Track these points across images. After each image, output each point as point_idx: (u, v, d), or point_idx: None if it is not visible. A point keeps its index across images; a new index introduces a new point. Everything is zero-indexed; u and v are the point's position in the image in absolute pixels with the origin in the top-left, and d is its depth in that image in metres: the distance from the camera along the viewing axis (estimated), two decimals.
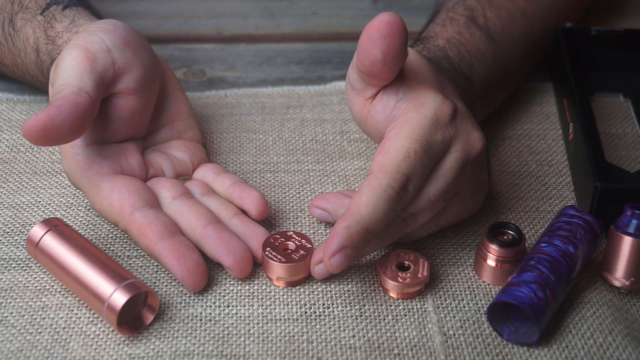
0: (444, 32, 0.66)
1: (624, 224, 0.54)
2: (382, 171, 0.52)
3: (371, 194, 0.51)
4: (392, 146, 0.53)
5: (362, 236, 0.51)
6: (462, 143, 0.55)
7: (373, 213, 0.51)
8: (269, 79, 0.78)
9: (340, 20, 0.86)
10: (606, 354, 0.52)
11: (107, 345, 0.52)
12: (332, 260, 0.51)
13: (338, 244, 0.51)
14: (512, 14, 0.70)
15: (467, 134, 0.55)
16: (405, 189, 0.52)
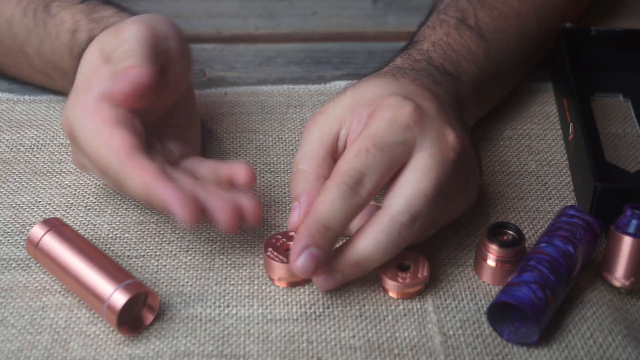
0: (432, 35, 0.67)
1: (624, 224, 0.54)
2: (336, 171, 0.54)
3: (326, 192, 0.53)
4: (347, 149, 0.54)
5: (322, 233, 0.52)
6: (432, 142, 0.55)
7: (329, 209, 0.52)
8: (269, 79, 0.78)
9: (340, 20, 0.86)
10: (606, 354, 0.52)
11: (107, 345, 0.52)
12: (298, 262, 0.52)
13: (300, 244, 0.52)
14: (505, 14, 0.70)
15: (438, 133, 0.55)
16: (360, 184, 0.53)
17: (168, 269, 0.58)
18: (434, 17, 0.70)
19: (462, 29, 0.68)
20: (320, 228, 0.52)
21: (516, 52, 0.71)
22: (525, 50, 0.72)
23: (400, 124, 0.54)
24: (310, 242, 0.52)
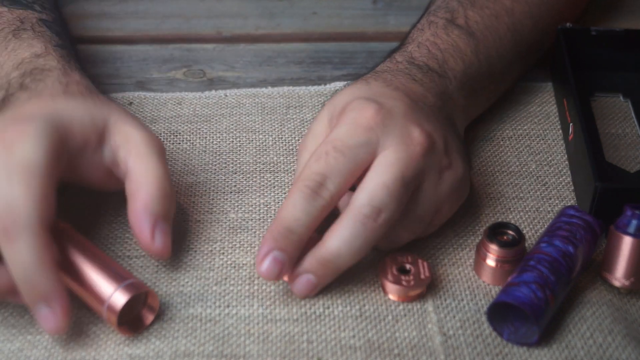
0: (420, 36, 0.68)
1: (624, 224, 0.54)
2: (298, 177, 0.55)
3: (289, 196, 0.54)
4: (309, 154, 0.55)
5: (284, 236, 0.53)
6: (396, 139, 0.55)
7: (292, 211, 0.53)
8: (269, 79, 0.78)
9: (340, 20, 0.86)
10: (606, 354, 0.52)
11: (107, 345, 0.52)
12: (262, 267, 0.53)
13: (264, 249, 0.53)
14: (496, 13, 0.71)
15: (402, 130, 0.55)
16: (322, 186, 0.53)
17: (168, 269, 0.58)
18: (424, 19, 0.70)
19: (451, 28, 0.68)
20: (283, 231, 0.53)
21: (509, 49, 0.71)
22: (519, 48, 0.72)
23: (362, 126, 0.55)
24: (273, 246, 0.53)
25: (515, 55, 0.72)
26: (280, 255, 0.53)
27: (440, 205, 0.57)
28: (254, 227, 0.61)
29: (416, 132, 0.56)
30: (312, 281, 0.54)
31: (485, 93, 0.70)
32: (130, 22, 0.85)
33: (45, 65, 0.61)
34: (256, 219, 0.62)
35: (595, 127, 0.67)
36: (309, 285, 0.55)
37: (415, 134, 0.56)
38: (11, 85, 0.59)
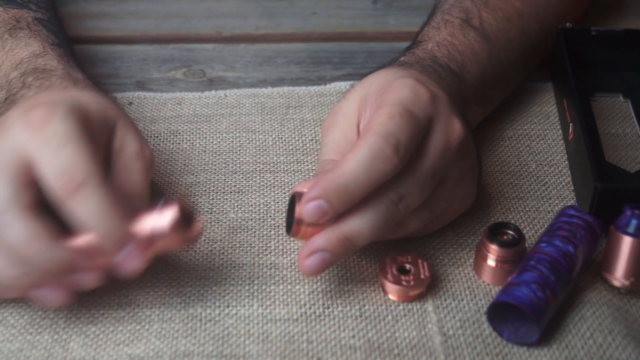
0: (437, 35, 0.67)
1: (624, 224, 0.54)
2: (371, 133, 0.51)
3: (357, 151, 0.51)
4: (376, 115, 0.53)
5: (338, 193, 0.50)
6: (443, 126, 0.55)
7: (355, 170, 0.50)
8: (269, 79, 0.78)
9: (340, 20, 0.86)
10: (606, 354, 0.52)
11: (107, 345, 0.52)
12: (305, 207, 0.51)
13: (313, 193, 0.51)
14: (508, 15, 0.70)
15: (447, 119, 0.55)
16: (395, 149, 0.51)
17: (168, 269, 0.58)
18: (438, 17, 0.69)
19: (467, 29, 0.68)
20: (336, 186, 0.50)
21: (518, 53, 0.71)
22: (526, 52, 0.72)
23: (421, 99, 0.54)
24: (323, 196, 0.50)
25: (523, 59, 0.72)
26: (326, 206, 0.51)
27: (451, 202, 0.57)
28: (254, 227, 0.61)
29: (458, 125, 0.55)
30: (326, 259, 0.52)
31: (494, 98, 0.70)
32: (130, 22, 0.85)
33: (46, 65, 0.61)
34: (256, 219, 0.62)
35: (595, 127, 0.67)
36: (323, 263, 0.52)
37: (456, 125, 0.55)
38: (12, 85, 0.59)
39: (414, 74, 0.58)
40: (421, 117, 0.53)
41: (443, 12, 0.70)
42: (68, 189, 0.49)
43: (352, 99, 0.58)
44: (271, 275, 0.57)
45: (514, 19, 0.71)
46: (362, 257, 0.59)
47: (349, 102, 0.58)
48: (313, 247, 0.52)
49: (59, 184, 0.49)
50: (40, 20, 0.67)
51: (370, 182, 0.51)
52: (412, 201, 0.54)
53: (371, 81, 0.58)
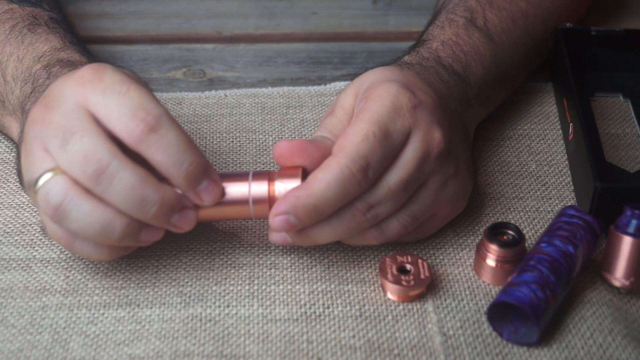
0: (442, 34, 0.67)
1: (624, 224, 0.54)
2: (342, 151, 0.53)
3: (327, 172, 0.52)
4: (352, 130, 0.53)
5: (308, 211, 0.52)
6: (422, 135, 0.55)
7: (325, 191, 0.52)
8: (269, 79, 0.78)
9: (340, 20, 0.86)
10: (606, 354, 0.52)
11: (107, 345, 0.52)
12: (275, 219, 0.52)
13: (283, 209, 0.52)
14: (512, 15, 0.70)
15: (427, 128, 0.55)
16: (364, 173, 0.52)
17: (168, 269, 0.58)
18: (442, 16, 0.69)
19: (471, 29, 0.67)
20: (309, 206, 0.52)
21: (521, 53, 0.71)
22: (530, 53, 0.72)
23: (401, 112, 0.54)
24: (293, 212, 0.52)
25: (526, 60, 0.72)
26: (295, 221, 0.52)
27: (437, 209, 0.57)
28: (254, 227, 0.61)
29: (438, 134, 0.55)
30: (292, 222, 0.53)
31: (497, 99, 0.70)
32: (130, 22, 0.85)
33: (70, 57, 0.61)
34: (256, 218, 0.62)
35: (595, 127, 0.67)
36: (288, 225, 0.53)
37: (436, 135, 0.55)
38: (37, 77, 0.59)
39: (406, 77, 0.58)
40: (396, 135, 0.54)
41: (447, 12, 0.70)
42: (143, 130, 0.50)
43: (349, 93, 0.59)
44: (271, 275, 0.57)
45: (519, 19, 0.70)
46: (362, 257, 0.59)
47: (347, 96, 0.59)
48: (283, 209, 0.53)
49: (132, 126, 0.50)
50: (55, 19, 0.67)
51: (339, 201, 0.53)
52: (382, 210, 0.54)
53: (366, 78, 0.58)
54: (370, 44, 0.83)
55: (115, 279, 0.57)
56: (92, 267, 0.57)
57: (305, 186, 0.52)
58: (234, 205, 0.54)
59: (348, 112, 0.58)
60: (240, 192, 0.54)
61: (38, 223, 0.61)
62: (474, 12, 0.69)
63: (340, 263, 0.58)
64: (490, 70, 0.67)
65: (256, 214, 0.55)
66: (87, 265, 0.58)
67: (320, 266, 0.58)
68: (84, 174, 0.49)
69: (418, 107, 0.55)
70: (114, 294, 0.56)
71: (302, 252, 0.59)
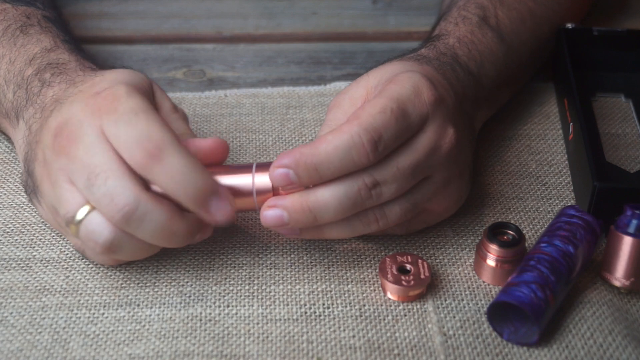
0: (457, 30, 0.66)
1: (624, 224, 0.54)
2: (356, 119, 0.52)
3: (337, 136, 0.52)
4: (370, 102, 0.53)
5: (308, 169, 0.51)
6: (437, 127, 0.55)
7: (331, 153, 0.51)
8: (269, 79, 0.78)
9: (340, 20, 0.86)
10: (606, 354, 0.52)
11: (107, 345, 0.52)
12: (274, 172, 0.52)
13: (284, 162, 0.52)
14: (522, 16, 0.70)
15: (443, 122, 0.55)
16: (374, 145, 0.52)
17: (168, 269, 0.58)
18: (454, 12, 0.69)
19: (485, 28, 0.67)
20: (310, 165, 0.51)
21: (528, 55, 0.71)
22: (535, 54, 0.72)
23: (422, 100, 0.54)
24: (293, 167, 0.52)
25: (532, 61, 0.72)
26: (294, 177, 0.52)
27: (435, 205, 0.57)
28: (254, 227, 0.61)
29: (451, 131, 0.55)
30: (284, 219, 0.53)
31: (502, 100, 0.70)
32: (130, 22, 0.85)
33: (59, 59, 0.61)
34: (256, 219, 0.62)
35: (596, 127, 0.67)
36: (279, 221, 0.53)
37: (450, 131, 0.55)
38: (30, 85, 0.59)
39: (426, 70, 0.58)
40: (413, 117, 0.54)
41: (459, 8, 0.69)
42: (147, 160, 0.50)
43: (362, 85, 0.58)
44: (271, 275, 0.57)
45: (527, 20, 0.70)
46: (362, 257, 0.59)
47: (358, 87, 0.58)
48: (277, 202, 0.53)
49: (138, 157, 0.50)
50: (48, 18, 0.67)
51: (342, 169, 0.52)
52: (387, 191, 0.53)
53: (384, 71, 0.58)
54: (370, 44, 0.83)
55: (115, 279, 0.57)
56: (92, 267, 0.57)
57: (311, 144, 0.52)
58: (238, 197, 0.54)
59: (356, 105, 0.57)
60: (244, 183, 0.54)
61: (38, 223, 0.61)
62: (487, 10, 0.69)
63: (340, 263, 0.58)
64: (500, 72, 0.67)
65: (260, 205, 0.54)
66: (87, 265, 0.58)
67: (320, 266, 0.58)
68: (113, 218, 0.51)
69: (438, 100, 0.55)
70: (114, 294, 0.56)
71: (302, 252, 0.59)
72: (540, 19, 0.72)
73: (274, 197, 0.54)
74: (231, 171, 0.55)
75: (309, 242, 0.60)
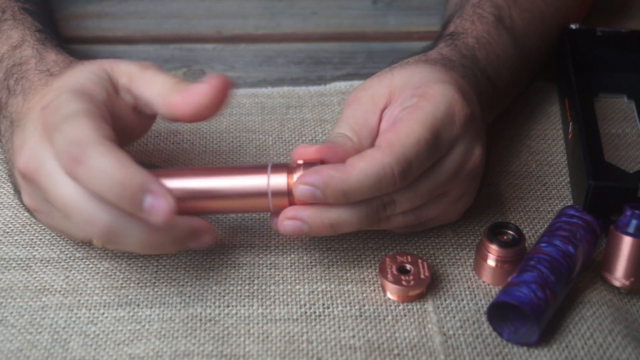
0: (474, 29, 0.65)
1: (624, 224, 0.54)
2: (390, 148, 0.52)
3: (369, 164, 0.51)
4: (404, 128, 0.52)
5: (336, 194, 0.51)
6: (464, 149, 0.55)
7: (361, 182, 0.51)
8: (269, 79, 0.78)
9: (340, 20, 0.86)
10: (606, 354, 0.52)
11: (107, 345, 0.52)
12: (300, 187, 0.52)
13: (313, 181, 0.51)
14: (534, 18, 0.69)
15: (471, 143, 0.55)
16: (404, 176, 0.52)
17: (168, 269, 0.58)
18: (469, 10, 0.68)
19: (500, 29, 0.66)
20: (339, 191, 0.51)
21: (537, 57, 0.71)
22: (543, 56, 0.72)
23: (452, 120, 0.54)
24: (322, 188, 0.51)
25: (539, 63, 0.72)
26: (320, 196, 0.51)
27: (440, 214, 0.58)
28: (253, 227, 0.61)
29: (477, 152, 0.56)
30: (303, 230, 0.53)
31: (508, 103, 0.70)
32: (130, 22, 0.85)
33: (22, 58, 0.60)
34: (256, 218, 0.62)
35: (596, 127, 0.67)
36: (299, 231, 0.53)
37: (476, 152, 0.56)
38: (1, 91, 0.59)
39: (456, 80, 0.57)
40: (443, 145, 0.54)
41: (474, 6, 0.68)
42: (71, 164, 0.49)
43: (386, 84, 0.57)
44: (271, 275, 0.57)
45: (538, 22, 0.70)
46: (362, 257, 0.59)
47: (382, 85, 0.57)
48: (297, 214, 0.53)
49: (65, 161, 0.49)
50: (26, 9, 0.66)
51: (370, 194, 0.52)
52: (400, 207, 0.54)
53: (411, 73, 0.57)
54: (370, 44, 0.83)
55: (115, 279, 0.57)
56: (92, 267, 0.58)
57: (342, 169, 0.51)
58: (252, 198, 0.54)
59: (378, 106, 0.56)
60: (259, 184, 0.53)
61: (38, 223, 0.61)
62: (502, 10, 0.68)
63: (340, 263, 0.58)
64: (513, 76, 0.66)
65: (275, 206, 0.54)
66: (87, 265, 0.58)
67: (320, 266, 0.58)
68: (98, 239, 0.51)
69: (469, 119, 0.55)
70: (114, 294, 0.56)
71: (302, 252, 0.59)
72: (550, 20, 0.71)
73: (293, 208, 0.53)
74: (245, 171, 0.54)
75: (309, 242, 0.60)
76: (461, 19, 0.67)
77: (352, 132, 0.55)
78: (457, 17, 0.68)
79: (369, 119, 0.56)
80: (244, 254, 0.59)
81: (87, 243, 0.58)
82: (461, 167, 0.55)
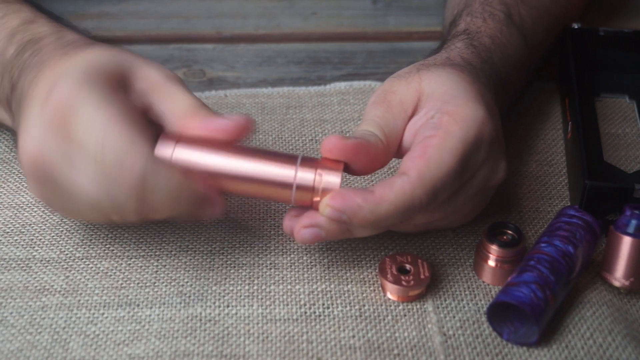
0: (487, 28, 0.64)
1: (624, 224, 0.54)
2: (420, 179, 0.51)
3: (400, 197, 0.51)
4: (435, 158, 0.52)
5: (365, 223, 0.51)
6: (488, 171, 0.55)
7: (391, 213, 0.51)
8: (269, 79, 0.78)
9: (340, 20, 0.86)
10: (606, 354, 0.52)
11: (107, 345, 0.52)
12: (326, 209, 0.51)
13: (341, 206, 0.51)
14: (540, 14, 0.69)
15: (495, 163, 0.55)
16: (430, 202, 0.52)
17: (168, 269, 0.58)
18: (478, 6, 0.67)
19: (512, 27, 0.66)
20: (367, 220, 0.51)
21: (542, 57, 0.71)
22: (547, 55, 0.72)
23: (479, 145, 0.54)
24: (348, 215, 0.51)
25: (543, 63, 0.72)
26: (346, 220, 0.51)
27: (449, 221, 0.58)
28: (253, 227, 0.61)
29: (501, 171, 0.56)
30: (321, 236, 0.53)
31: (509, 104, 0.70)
32: (130, 22, 0.85)
33: (38, 33, 0.58)
34: (256, 218, 0.62)
35: (596, 127, 0.67)
36: (317, 238, 0.53)
37: (500, 172, 0.56)
38: (14, 68, 0.57)
39: (485, 97, 0.56)
40: (470, 170, 0.54)
41: (483, 3, 0.67)
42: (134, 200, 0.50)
43: (414, 88, 0.56)
44: (271, 275, 0.57)
45: (545, 20, 0.70)
46: (362, 257, 0.59)
47: (410, 90, 0.56)
48: (314, 221, 0.52)
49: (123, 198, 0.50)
50: None
51: (398, 222, 0.53)
52: (419, 222, 0.55)
53: (440, 81, 0.56)
54: (370, 44, 0.83)
55: (115, 279, 0.57)
56: (92, 267, 0.58)
57: (372, 200, 0.51)
58: (277, 187, 0.53)
59: (407, 112, 0.55)
60: (286, 175, 0.53)
61: (38, 223, 0.61)
62: (511, 7, 0.67)
63: (340, 263, 0.58)
64: (522, 77, 0.66)
65: (297, 201, 0.53)
66: (87, 265, 0.58)
67: (320, 266, 0.58)
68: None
69: (495, 139, 0.55)
70: (114, 294, 0.56)
71: (302, 252, 0.59)
72: (556, 18, 0.71)
73: (309, 216, 0.52)
74: (275, 159, 0.53)
75: None
76: (471, 16, 0.66)
77: (382, 134, 0.55)
78: (467, 14, 0.67)
79: (398, 124, 0.55)
80: (244, 254, 0.59)
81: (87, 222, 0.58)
82: (484, 187, 0.56)
